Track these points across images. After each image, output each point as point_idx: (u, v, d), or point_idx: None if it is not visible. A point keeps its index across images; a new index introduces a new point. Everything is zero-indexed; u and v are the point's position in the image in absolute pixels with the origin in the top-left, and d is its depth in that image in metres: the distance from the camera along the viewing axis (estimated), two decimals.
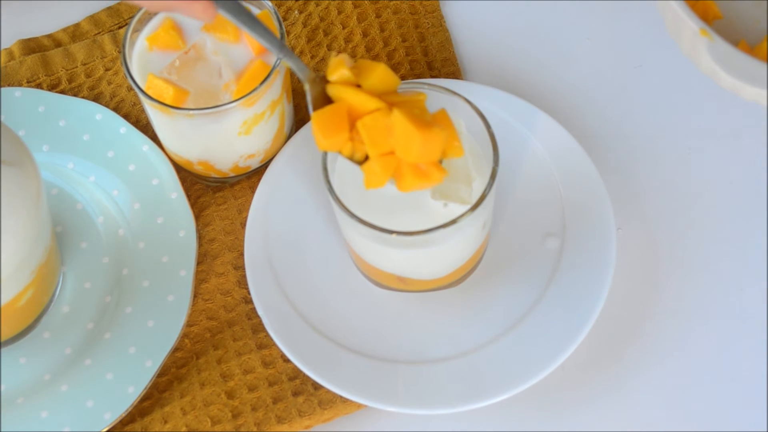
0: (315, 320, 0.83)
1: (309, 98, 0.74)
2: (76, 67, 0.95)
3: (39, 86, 0.94)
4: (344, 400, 0.82)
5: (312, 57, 0.94)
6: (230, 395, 0.83)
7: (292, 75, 0.94)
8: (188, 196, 0.90)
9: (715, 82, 0.79)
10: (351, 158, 0.74)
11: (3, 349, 0.85)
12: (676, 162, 0.90)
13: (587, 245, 0.84)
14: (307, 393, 0.83)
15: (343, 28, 0.95)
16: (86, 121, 0.92)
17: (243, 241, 0.88)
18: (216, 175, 0.89)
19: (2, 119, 0.91)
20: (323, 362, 0.82)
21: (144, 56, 0.85)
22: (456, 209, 0.78)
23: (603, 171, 0.88)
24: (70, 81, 0.95)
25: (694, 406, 0.82)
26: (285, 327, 0.83)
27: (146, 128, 0.92)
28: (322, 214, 0.87)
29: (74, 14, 0.99)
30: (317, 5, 0.96)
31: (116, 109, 0.93)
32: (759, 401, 0.81)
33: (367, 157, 0.74)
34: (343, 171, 0.79)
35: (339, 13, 0.95)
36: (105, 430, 0.82)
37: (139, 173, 0.89)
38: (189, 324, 0.86)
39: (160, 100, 0.83)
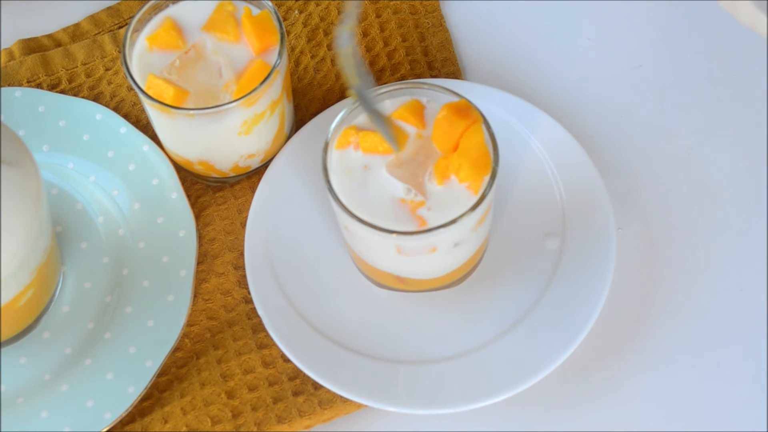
0: (315, 320, 0.83)
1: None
2: (76, 67, 0.95)
3: (39, 86, 0.94)
4: (344, 400, 0.82)
5: (312, 57, 0.94)
6: (230, 395, 0.83)
7: (292, 75, 0.94)
8: (188, 196, 0.90)
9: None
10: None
11: (3, 349, 0.85)
12: (676, 162, 0.90)
13: (587, 245, 0.84)
14: (307, 393, 0.83)
15: None
16: (86, 121, 0.92)
17: (243, 241, 0.88)
18: (216, 175, 0.89)
19: (2, 119, 0.91)
20: (323, 362, 0.82)
21: (144, 56, 0.85)
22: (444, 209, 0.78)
23: (603, 171, 0.88)
24: (70, 81, 0.95)
25: (694, 406, 0.82)
26: (285, 327, 0.83)
27: (146, 128, 0.92)
28: (322, 214, 0.87)
29: (74, 14, 0.99)
30: (317, 5, 0.96)
31: (116, 109, 0.93)
32: (759, 401, 0.81)
33: None
34: (343, 171, 0.79)
35: (339, 13, 0.95)
36: (105, 430, 0.82)
37: (139, 173, 0.89)
38: (189, 324, 0.86)
39: (160, 100, 0.82)
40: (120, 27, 0.97)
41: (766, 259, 0.86)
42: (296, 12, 0.96)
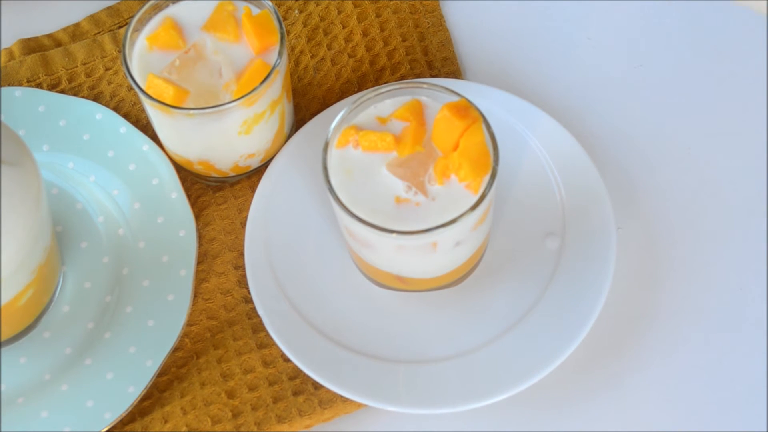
0: (315, 320, 0.83)
1: None
2: (76, 66, 0.95)
3: (39, 86, 0.94)
4: (344, 400, 0.82)
5: (312, 57, 0.94)
6: (230, 395, 0.83)
7: (292, 74, 0.94)
8: (188, 196, 0.90)
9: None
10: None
11: (3, 349, 0.85)
12: (676, 162, 0.90)
13: (587, 245, 0.84)
14: (307, 392, 0.83)
15: (343, 27, 0.95)
16: (86, 120, 0.92)
17: (243, 240, 0.88)
18: (216, 175, 0.89)
19: (2, 119, 0.91)
20: (323, 362, 0.82)
21: (144, 56, 0.85)
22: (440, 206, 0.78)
23: (603, 171, 0.88)
24: (70, 81, 0.95)
25: (693, 406, 0.82)
26: (285, 326, 0.83)
27: (146, 128, 0.92)
28: (323, 214, 0.87)
29: (74, 14, 0.99)
30: (317, 5, 0.96)
31: (116, 109, 0.93)
32: (759, 401, 0.81)
33: None
34: (343, 171, 0.79)
35: (339, 12, 0.95)
36: (105, 429, 0.82)
37: (139, 173, 0.89)
38: (189, 323, 0.86)
39: (160, 99, 0.82)
40: (120, 27, 0.97)
41: (766, 259, 0.86)
42: (296, 12, 0.96)
